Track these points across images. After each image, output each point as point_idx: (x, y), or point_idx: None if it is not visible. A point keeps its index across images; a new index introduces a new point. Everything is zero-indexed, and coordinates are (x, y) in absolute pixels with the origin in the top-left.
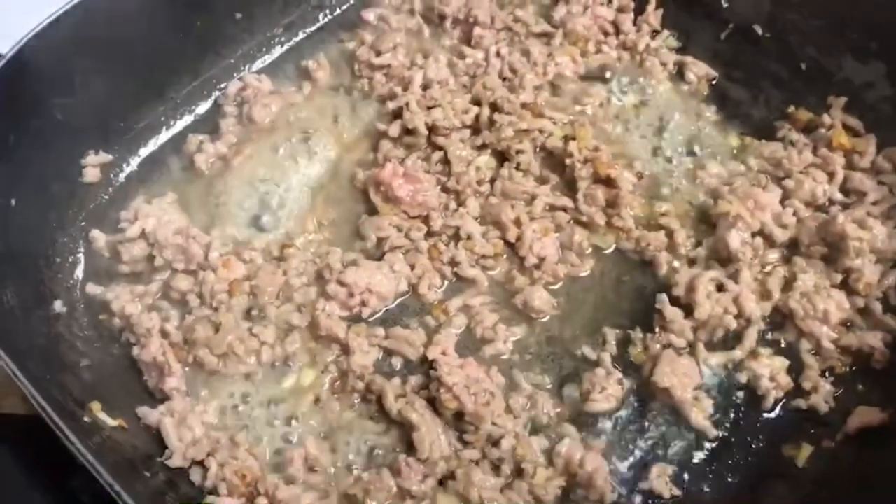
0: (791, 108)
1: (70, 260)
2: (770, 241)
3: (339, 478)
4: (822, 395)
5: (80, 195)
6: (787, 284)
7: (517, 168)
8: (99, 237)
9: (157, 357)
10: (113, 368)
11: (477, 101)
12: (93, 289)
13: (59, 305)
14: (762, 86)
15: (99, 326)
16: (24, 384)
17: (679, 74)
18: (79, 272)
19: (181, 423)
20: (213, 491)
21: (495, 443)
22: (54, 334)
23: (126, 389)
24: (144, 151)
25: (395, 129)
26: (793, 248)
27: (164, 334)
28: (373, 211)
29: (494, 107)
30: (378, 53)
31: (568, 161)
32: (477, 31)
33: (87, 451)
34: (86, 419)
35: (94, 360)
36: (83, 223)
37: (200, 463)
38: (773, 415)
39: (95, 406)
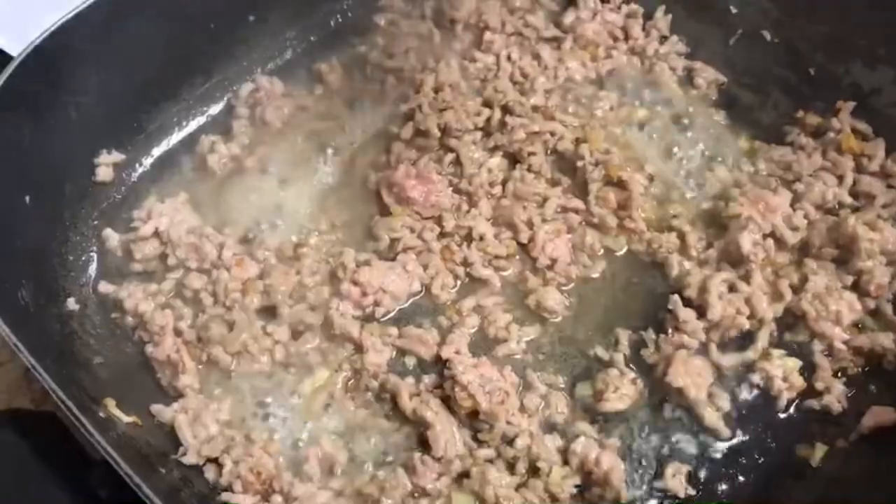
0: (800, 113)
1: (83, 258)
2: (781, 244)
3: (353, 476)
4: (836, 395)
5: (93, 194)
6: (799, 286)
7: (529, 170)
8: (112, 236)
9: (171, 355)
10: (126, 366)
11: (488, 104)
12: (106, 287)
13: (72, 303)
14: (771, 91)
15: (112, 324)
16: (44, 379)
17: (688, 79)
18: (92, 270)
19: (195, 421)
20: (228, 488)
21: (510, 441)
22: (68, 332)
23: (140, 387)
24: (157, 151)
25: (407, 132)
26: (804, 251)
27: (178, 332)
28: (385, 212)
29: (506, 109)
30: (390, 56)
31: (579, 163)
32: (487, 35)
33: (106, 444)
34: (100, 415)
35: (107, 358)
36: (96, 222)
37: (215, 460)
38: (786, 415)
39: (110, 402)
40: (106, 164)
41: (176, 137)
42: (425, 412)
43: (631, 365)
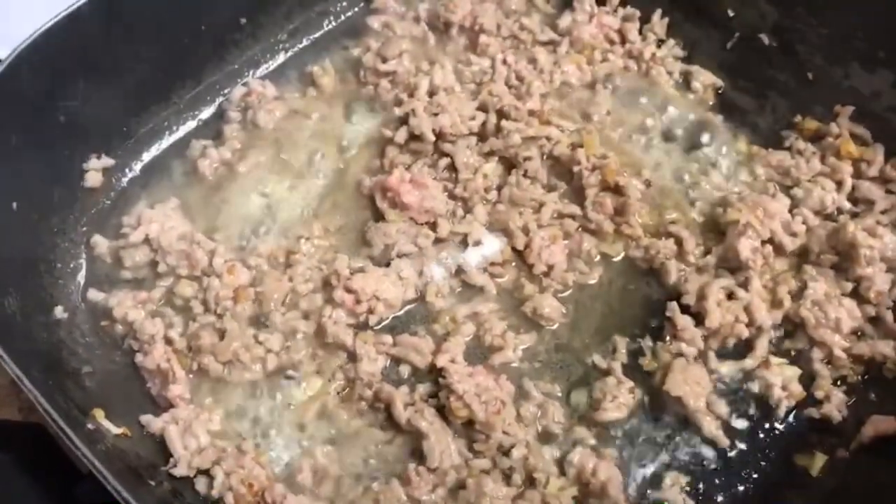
0: (798, 118)
1: (71, 265)
2: (780, 250)
3: (347, 487)
4: (835, 404)
5: (81, 200)
6: (798, 293)
7: (525, 175)
8: (101, 242)
9: (161, 364)
10: (115, 375)
11: (483, 108)
12: (95, 295)
13: (60, 311)
14: (769, 95)
15: (101, 333)
16: (29, 390)
17: (685, 83)
18: (80, 278)
19: (186, 432)
20: (220, 501)
21: (506, 452)
22: (56, 341)
23: (129, 397)
24: (147, 156)
25: (401, 136)
26: (803, 257)
27: (168, 341)
28: (379, 217)
29: (501, 114)
30: (384, 60)
31: (575, 168)
32: (483, 38)
33: (94, 458)
34: (89, 426)
35: (96, 367)
36: (85, 228)
37: (206, 472)
38: (785, 424)
39: (99, 413)
40: (95, 170)
41: (166, 142)
42: (420, 422)
43: (628, 373)
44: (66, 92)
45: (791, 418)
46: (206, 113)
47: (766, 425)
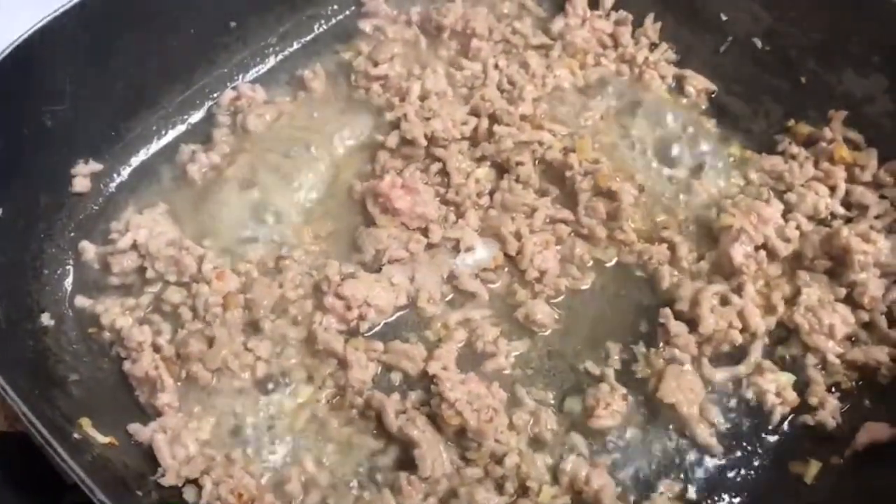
0: (791, 122)
1: (58, 272)
2: (773, 255)
3: (337, 497)
4: (829, 410)
5: (69, 205)
6: (792, 298)
7: (517, 180)
8: (88, 248)
9: (149, 372)
10: (103, 383)
11: (475, 113)
12: (82, 301)
13: (46, 318)
14: (762, 99)
15: (88, 340)
16: (14, 400)
17: (678, 88)
18: (67, 284)
19: (174, 440)
20: None
21: (498, 460)
22: (42, 348)
23: (116, 405)
24: (136, 161)
25: (392, 140)
26: (796, 262)
27: (157, 348)
28: (370, 223)
29: (493, 118)
30: (375, 64)
31: (568, 173)
32: (475, 42)
33: (80, 469)
34: (76, 436)
35: (83, 375)
36: (72, 234)
37: (195, 481)
38: (779, 431)
39: (85, 422)
40: (83, 175)
41: (155, 146)
42: (411, 430)
43: (621, 380)
44: (53, 96)
45: (785, 425)
46: (196, 117)
47: (760, 432)
